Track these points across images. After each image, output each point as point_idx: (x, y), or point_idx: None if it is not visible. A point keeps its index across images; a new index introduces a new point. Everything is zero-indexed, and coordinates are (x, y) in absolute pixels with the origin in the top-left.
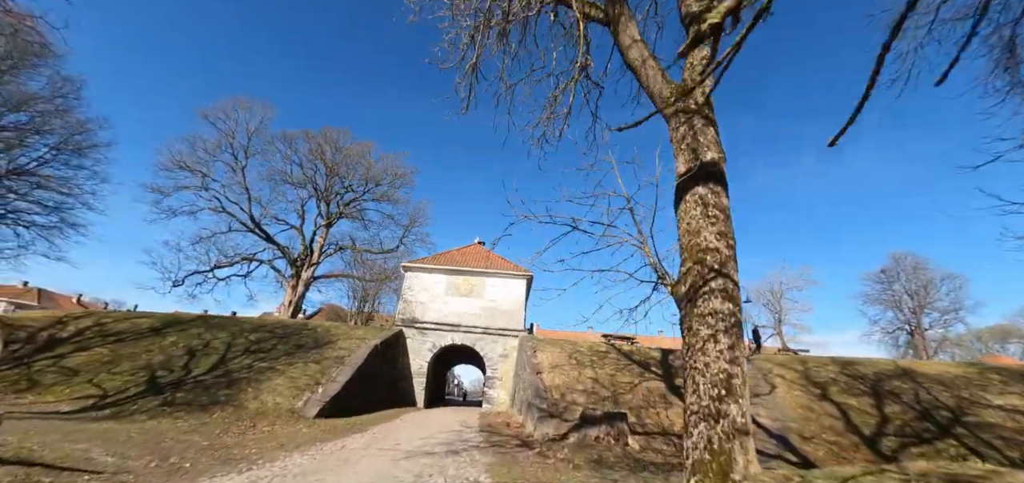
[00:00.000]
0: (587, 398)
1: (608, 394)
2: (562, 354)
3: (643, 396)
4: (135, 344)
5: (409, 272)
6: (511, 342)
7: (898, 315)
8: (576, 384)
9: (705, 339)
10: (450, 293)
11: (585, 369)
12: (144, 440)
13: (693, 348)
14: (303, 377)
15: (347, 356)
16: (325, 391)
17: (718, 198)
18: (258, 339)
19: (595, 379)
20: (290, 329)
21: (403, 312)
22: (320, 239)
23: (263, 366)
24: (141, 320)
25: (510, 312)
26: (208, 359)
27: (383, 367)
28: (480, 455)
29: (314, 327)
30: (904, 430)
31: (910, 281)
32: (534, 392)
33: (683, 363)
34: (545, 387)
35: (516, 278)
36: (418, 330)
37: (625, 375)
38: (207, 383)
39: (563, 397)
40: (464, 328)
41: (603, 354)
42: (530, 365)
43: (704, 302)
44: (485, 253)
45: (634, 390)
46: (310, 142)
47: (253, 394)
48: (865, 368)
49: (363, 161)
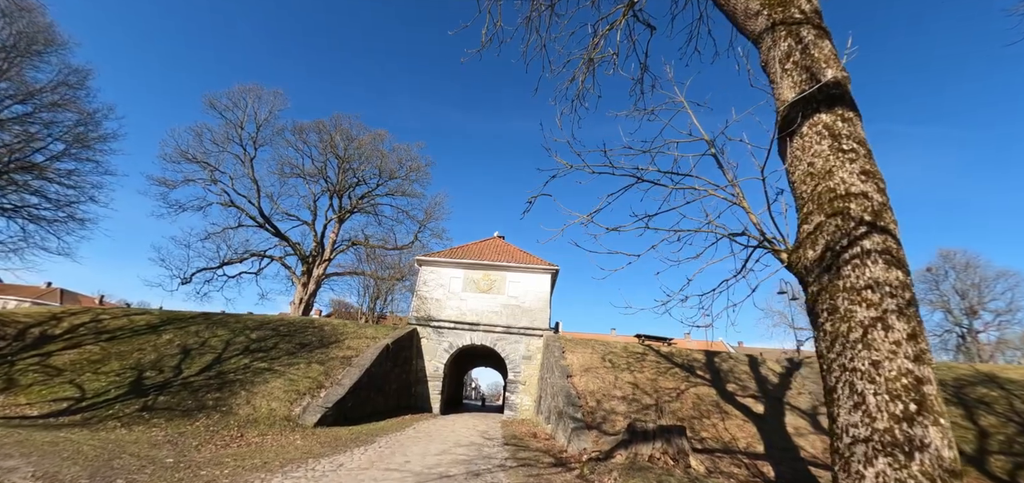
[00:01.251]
0: (628, 406)
1: (652, 402)
2: (594, 356)
3: (693, 405)
4: (128, 342)
5: (424, 266)
6: (535, 342)
7: (947, 317)
8: (613, 390)
9: (866, 325)
10: (468, 289)
11: (622, 372)
12: (95, 455)
13: (844, 339)
14: (304, 379)
15: (355, 357)
16: (328, 395)
17: (853, 127)
18: (260, 337)
19: (635, 384)
20: (295, 327)
21: (417, 310)
22: (332, 234)
23: (261, 367)
24: (139, 317)
25: (534, 310)
26: (202, 358)
27: (394, 369)
28: (507, 478)
29: (321, 325)
30: (1011, 447)
31: (961, 280)
32: (566, 399)
33: (823, 362)
34: (578, 393)
35: (540, 272)
36: (434, 329)
37: (668, 380)
38: (196, 385)
39: (599, 405)
40: (483, 327)
41: (640, 356)
42: (559, 368)
43: (855, 270)
44: (506, 246)
45: (681, 397)
46: (321, 132)
47: (245, 398)
48: (942, 372)
49: (376, 152)
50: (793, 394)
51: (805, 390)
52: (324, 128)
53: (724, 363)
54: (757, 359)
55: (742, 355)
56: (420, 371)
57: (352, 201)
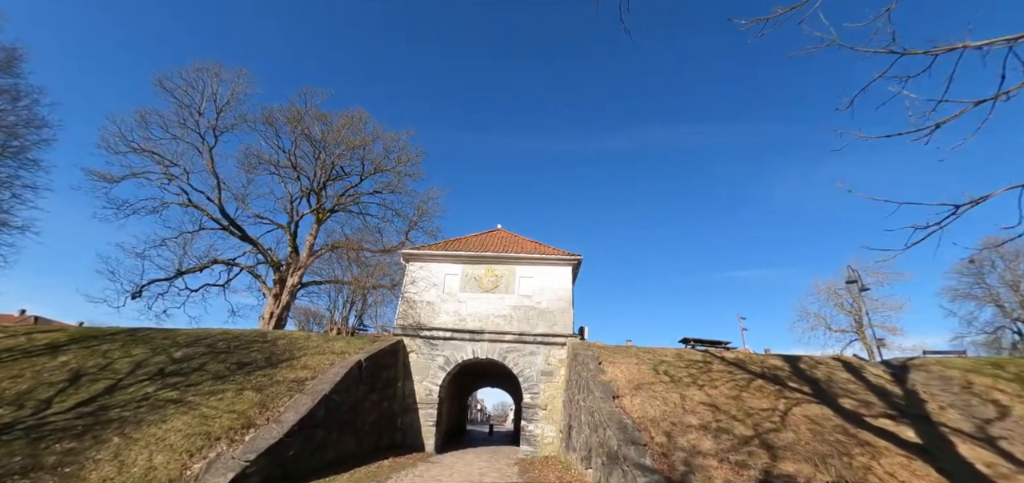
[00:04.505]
0: (716, 441)
1: (749, 432)
2: (642, 367)
3: (812, 432)
4: (8, 367)
5: (412, 262)
6: (557, 352)
7: (998, 312)
8: (684, 415)
9: None
10: (468, 288)
11: (688, 389)
12: None
13: None
14: (225, 415)
15: (310, 379)
16: (254, 440)
17: None
18: (185, 357)
19: (712, 404)
20: (238, 342)
21: (404, 316)
22: (309, 237)
23: (167, 398)
24: (41, 336)
25: (553, 311)
26: (92, 387)
27: (371, 395)
28: None
29: (274, 339)
30: None
31: (1010, 270)
32: (620, 432)
33: None
34: (635, 421)
35: (559, 263)
36: (425, 340)
37: (756, 397)
38: (49, 430)
39: (672, 440)
40: (489, 335)
41: (701, 365)
42: (599, 385)
43: None
44: (512, 237)
45: (787, 421)
46: (292, 115)
47: (115, 449)
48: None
49: (358, 139)
50: (935, 409)
51: (945, 403)
52: (295, 110)
53: (817, 371)
54: (853, 364)
55: (828, 359)
56: (408, 396)
57: (333, 198)
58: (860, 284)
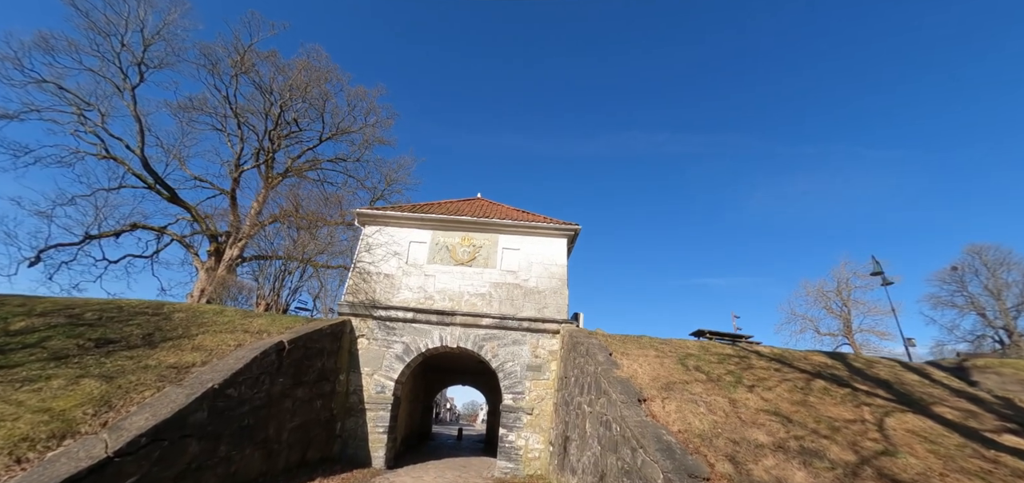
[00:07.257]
0: (806, 469)
1: (849, 455)
2: (665, 360)
3: (940, 457)
4: None
5: (368, 225)
6: (547, 342)
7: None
8: (743, 427)
9: None
10: (439, 259)
11: (734, 390)
12: None
13: None
14: (26, 417)
15: (198, 366)
16: (54, 462)
17: None
18: (26, 328)
19: (775, 412)
20: (117, 314)
21: (355, 291)
22: (254, 204)
23: None
24: None
25: (544, 292)
26: None
27: (296, 391)
28: None
29: (170, 311)
30: None
31: (993, 278)
32: (666, 457)
33: None
34: (678, 439)
35: (552, 234)
36: (380, 323)
37: (829, 404)
38: None
39: (739, 468)
40: (462, 317)
41: (740, 359)
42: (617, 385)
43: None
44: (495, 205)
45: (892, 439)
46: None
47: None
48: None
49: (318, 92)
50: None
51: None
52: (239, 43)
53: (878, 371)
54: (914, 364)
55: (882, 359)
56: (352, 393)
57: (285, 162)
58: (884, 278)
